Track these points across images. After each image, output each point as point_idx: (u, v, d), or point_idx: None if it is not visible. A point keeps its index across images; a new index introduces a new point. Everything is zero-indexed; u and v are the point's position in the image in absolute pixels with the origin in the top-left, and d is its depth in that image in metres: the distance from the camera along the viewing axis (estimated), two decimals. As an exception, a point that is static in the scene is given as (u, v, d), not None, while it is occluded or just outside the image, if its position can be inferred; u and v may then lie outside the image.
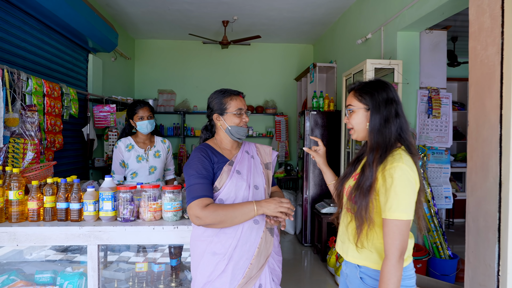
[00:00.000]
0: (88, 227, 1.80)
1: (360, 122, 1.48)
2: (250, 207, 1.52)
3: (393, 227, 1.31)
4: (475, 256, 1.93)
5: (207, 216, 1.48)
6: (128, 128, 2.71)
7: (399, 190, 1.30)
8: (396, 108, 1.44)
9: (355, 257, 1.47)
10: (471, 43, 1.97)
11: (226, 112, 1.70)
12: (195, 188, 1.54)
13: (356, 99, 1.49)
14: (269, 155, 1.84)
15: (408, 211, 1.31)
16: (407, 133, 1.45)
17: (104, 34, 4.15)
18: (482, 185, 1.87)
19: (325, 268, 3.87)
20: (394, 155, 1.38)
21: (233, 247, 1.54)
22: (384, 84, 1.48)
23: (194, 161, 1.61)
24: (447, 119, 3.63)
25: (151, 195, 1.92)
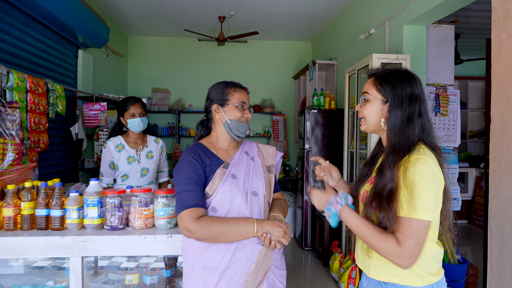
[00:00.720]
0: (70, 237, 1.60)
1: (373, 114, 1.30)
2: (249, 227, 1.34)
3: (407, 225, 1.12)
4: (500, 266, 1.76)
5: (197, 230, 1.31)
6: (118, 127, 2.51)
7: (418, 185, 1.12)
8: (420, 107, 1.25)
9: (378, 272, 1.27)
10: (494, 32, 1.80)
11: (228, 104, 1.52)
12: (184, 196, 1.36)
13: (374, 88, 1.30)
14: (272, 156, 1.64)
15: (427, 210, 1.12)
16: (431, 135, 1.27)
17: (94, 28, 3.94)
18: (509, 187, 1.70)
19: (328, 274, 3.69)
20: (415, 149, 1.20)
21: (225, 261, 1.35)
22: (411, 76, 1.28)
23: (184, 164, 1.43)
24: (455, 117, 3.47)
25: (142, 200, 1.73)
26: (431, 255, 1.22)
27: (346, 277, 3.17)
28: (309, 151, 4.38)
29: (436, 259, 1.24)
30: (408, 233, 1.11)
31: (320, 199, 1.29)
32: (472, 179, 5.77)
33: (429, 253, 1.21)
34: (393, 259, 1.14)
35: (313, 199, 1.32)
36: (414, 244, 1.11)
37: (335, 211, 1.24)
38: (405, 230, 1.12)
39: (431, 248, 1.22)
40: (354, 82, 3.53)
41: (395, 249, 1.12)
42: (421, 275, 1.20)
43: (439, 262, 1.25)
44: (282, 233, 1.36)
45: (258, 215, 1.45)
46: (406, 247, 1.11)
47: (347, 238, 3.64)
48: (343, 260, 3.41)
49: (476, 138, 6.44)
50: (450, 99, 3.42)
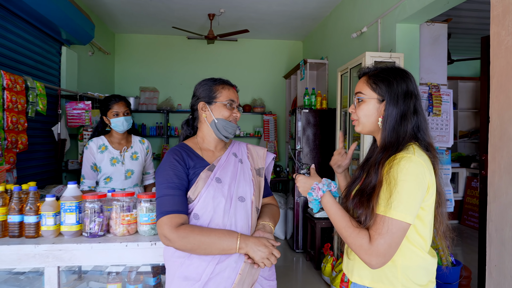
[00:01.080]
0: (45, 245, 1.48)
1: (369, 115, 1.23)
2: (232, 243, 1.23)
3: (381, 223, 1.06)
4: (500, 271, 1.69)
5: (175, 240, 1.22)
6: (101, 126, 2.38)
7: (400, 183, 1.06)
8: (415, 104, 1.20)
9: (362, 276, 1.21)
10: (494, 29, 1.73)
11: (215, 102, 1.41)
12: (164, 201, 1.27)
13: (368, 87, 1.23)
14: (262, 158, 1.54)
15: (407, 211, 1.05)
16: (425, 133, 1.21)
17: (78, 24, 3.79)
18: (509, 190, 1.64)
19: (320, 277, 3.61)
20: (405, 148, 1.14)
21: (208, 272, 1.25)
22: (404, 72, 1.23)
23: (165, 167, 1.33)
24: (447, 117, 3.42)
25: (124, 204, 1.62)
26: (420, 265, 1.15)
27: (339, 280, 3.09)
28: (300, 151, 4.30)
29: (426, 269, 1.17)
30: (381, 232, 1.06)
31: (305, 184, 1.26)
32: (463, 179, 5.77)
33: (417, 262, 1.15)
34: (361, 255, 1.09)
35: (298, 184, 1.28)
36: (386, 244, 1.05)
37: (316, 197, 1.21)
38: (379, 228, 1.07)
39: (420, 257, 1.15)
40: (346, 81, 3.45)
41: (365, 246, 1.07)
42: (406, 284, 1.13)
43: (430, 274, 1.18)
44: (266, 254, 1.24)
45: (245, 222, 1.34)
46: (376, 245, 1.06)
47: (339, 241, 3.56)
48: (336, 263, 3.33)
49: (466, 138, 6.45)
50: (443, 99, 3.37)
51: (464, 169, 5.76)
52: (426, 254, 1.17)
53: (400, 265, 1.14)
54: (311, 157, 4.29)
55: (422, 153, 1.15)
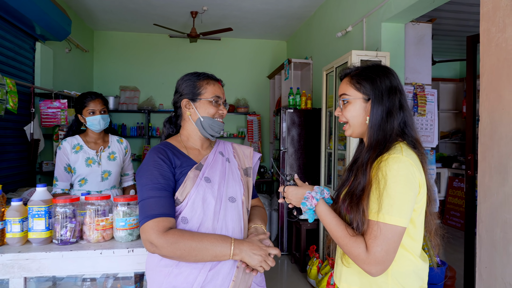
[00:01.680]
0: (10, 255, 1.35)
1: (357, 115, 1.19)
2: (225, 249, 1.15)
3: (375, 229, 1.02)
4: (490, 273, 1.66)
5: (164, 246, 1.11)
6: (75, 125, 2.24)
7: (391, 186, 1.02)
8: (400, 99, 1.16)
9: (350, 282, 1.17)
10: (483, 25, 1.70)
11: (200, 98, 1.32)
12: (149, 204, 1.16)
13: (352, 87, 1.19)
14: (249, 158, 1.47)
15: (400, 214, 1.01)
16: (412, 129, 1.18)
17: (54, 19, 3.61)
18: (499, 190, 1.60)
19: (305, 279, 3.55)
20: (392, 147, 1.10)
21: (200, 281, 1.16)
22: (385, 69, 1.20)
23: (149, 166, 1.22)
24: (432, 117, 3.42)
25: (99, 209, 1.51)
26: (411, 269, 1.11)
27: (325, 283, 3.03)
28: (285, 152, 4.23)
29: (417, 275, 1.12)
30: (377, 239, 1.01)
31: (296, 195, 1.20)
32: (445, 179, 5.83)
33: (408, 267, 1.10)
34: (360, 265, 1.05)
35: (289, 196, 1.21)
36: (383, 251, 1.01)
37: (310, 206, 1.15)
38: (373, 235, 1.02)
39: (411, 262, 1.11)
40: (331, 81, 3.41)
41: (363, 255, 1.03)
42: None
43: (421, 280, 1.14)
44: (263, 257, 1.17)
45: (236, 224, 1.26)
46: (373, 253, 1.01)
47: (325, 243, 3.51)
48: (321, 266, 3.27)
49: (447, 139, 6.54)
50: (428, 99, 3.37)
51: (446, 169, 5.82)
52: (418, 259, 1.13)
53: (391, 270, 1.09)
54: (296, 158, 4.23)
55: (411, 152, 1.10)
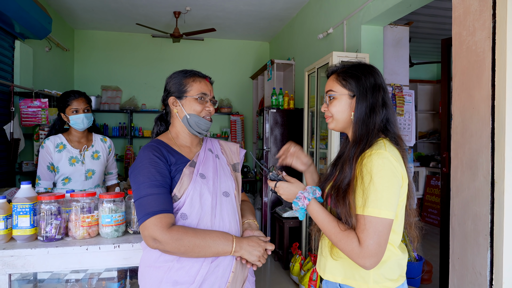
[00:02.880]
0: (-6, 252, 1.35)
1: (342, 111, 1.23)
2: (227, 246, 1.20)
3: (367, 224, 1.06)
4: (462, 263, 1.75)
5: (169, 242, 1.13)
6: (58, 124, 2.23)
7: (377, 181, 1.07)
8: (383, 97, 1.22)
9: (334, 273, 1.22)
10: (455, 29, 1.80)
11: (186, 96, 1.34)
12: (149, 201, 1.17)
13: (339, 84, 1.24)
14: (236, 154, 1.51)
15: (387, 207, 1.06)
16: (394, 125, 1.24)
17: (34, 17, 3.56)
18: (470, 185, 1.70)
19: (288, 276, 3.61)
20: (376, 144, 1.15)
21: (202, 274, 1.19)
22: (370, 67, 1.26)
23: (145, 164, 1.23)
24: (410, 117, 3.54)
25: (84, 205, 1.52)
26: (392, 260, 1.17)
27: (307, 279, 3.10)
28: (268, 151, 4.29)
29: (397, 264, 1.18)
30: (368, 233, 1.06)
31: (288, 192, 1.23)
32: (423, 178, 6.02)
33: (390, 258, 1.16)
34: (355, 259, 1.09)
35: (281, 192, 1.24)
36: (375, 243, 1.06)
37: (302, 206, 1.19)
38: (364, 229, 1.07)
39: (391, 252, 1.17)
40: (313, 81, 3.49)
41: (356, 250, 1.07)
42: (377, 280, 1.14)
43: (400, 268, 1.20)
44: (261, 252, 1.25)
45: (232, 218, 1.31)
46: (366, 247, 1.06)
47: (307, 240, 3.58)
48: (304, 262, 3.34)
49: (425, 138, 6.74)
50: (406, 99, 3.49)
51: (423, 168, 6.01)
52: (397, 249, 1.18)
53: None
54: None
55: (393, 147, 1.16)
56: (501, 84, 1.52)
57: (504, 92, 1.51)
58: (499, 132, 1.54)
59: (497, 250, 1.55)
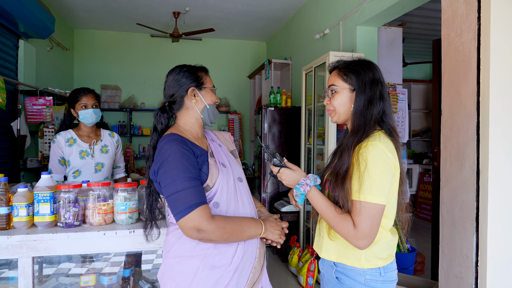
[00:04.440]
0: (19, 236, 1.46)
1: (343, 104, 1.35)
2: (258, 229, 1.34)
3: (361, 209, 1.19)
4: (451, 248, 1.88)
5: (214, 231, 1.20)
6: (68, 120, 2.33)
7: (372, 169, 1.19)
8: (381, 90, 1.33)
9: (330, 252, 1.34)
10: (444, 31, 1.93)
11: (204, 87, 1.42)
12: (188, 194, 1.19)
13: (340, 79, 1.35)
14: (230, 141, 1.63)
15: (380, 194, 1.18)
16: (390, 118, 1.35)
17: (38, 17, 3.65)
18: (458, 175, 1.83)
19: (286, 268, 3.73)
20: (372, 135, 1.27)
21: (239, 255, 1.30)
22: (370, 63, 1.37)
23: (177, 157, 1.23)
24: (403, 115, 3.68)
25: (100, 194, 1.63)
26: (383, 241, 1.28)
27: (305, 270, 3.23)
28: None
29: (387, 244, 1.30)
30: (362, 216, 1.18)
31: (291, 177, 1.34)
32: (416, 175, 6.17)
33: (380, 239, 1.28)
34: (350, 240, 1.20)
35: (283, 177, 1.34)
36: (368, 226, 1.17)
37: (303, 192, 1.30)
38: (359, 213, 1.18)
39: (383, 235, 1.28)
40: (310, 80, 3.61)
41: (351, 232, 1.19)
42: (368, 258, 1.26)
43: (390, 249, 1.31)
44: (280, 233, 1.40)
45: (249, 200, 1.43)
46: (360, 229, 1.17)
47: (305, 233, 3.71)
48: (302, 254, 3.46)
49: (419, 137, 6.90)
50: (399, 97, 3.63)
51: (417, 165, 6.17)
52: (387, 231, 1.30)
53: None
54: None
55: (387, 139, 1.27)
56: (485, 81, 1.66)
57: (488, 89, 1.65)
58: (484, 126, 1.67)
59: (482, 234, 1.69)
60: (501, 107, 1.65)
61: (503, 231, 1.67)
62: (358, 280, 1.26)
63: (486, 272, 1.66)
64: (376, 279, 1.26)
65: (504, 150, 1.66)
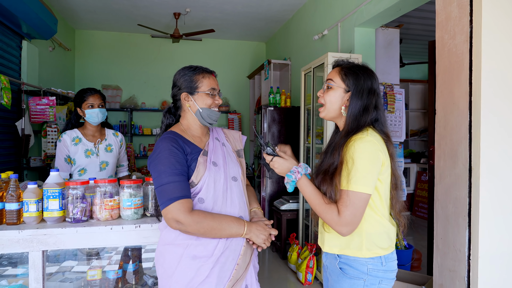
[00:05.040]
0: (30, 230, 1.52)
1: (334, 101, 1.41)
2: (240, 229, 1.38)
3: (345, 197, 1.26)
4: (444, 243, 1.95)
5: (190, 224, 1.29)
6: (74, 119, 2.39)
7: (357, 160, 1.25)
8: (376, 100, 1.40)
9: (332, 245, 1.39)
10: (438, 33, 1.99)
11: (197, 92, 1.48)
12: (171, 188, 1.31)
13: (339, 77, 1.41)
14: (239, 141, 1.69)
15: (364, 183, 1.25)
16: (383, 125, 1.42)
17: (41, 18, 3.70)
18: (451, 172, 1.90)
19: (286, 265, 3.80)
20: (361, 131, 1.33)
21: (220, 248, 1.36)
22: (371, 72, 1.43)
23: (165, 154, 1.35)
24: (400, 114, 3.75)
25: (106, 191, 1.69)
26: (381, 230, 1.34)
27: (304, 266, 3.29)
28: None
29: (387, 234, 1.35)
30: (346, 204, 1.25)
31: (283, 166, 1.39)
32: (414, 174, 6.25)
33: (378, 228, 1.33)
34: (333, 226, 1.28)
35: (276, 166, 1.39)
36: (351, 214, 1.24)
37: (295, 179, 1.36)
38: (344, 201, 1.26)
39: (380, 224, 1.34)
40: (309, 80, 3.68)
41: (335, 218, 1.26)
42: (370, 248, 1.32)
43: (390, 239, 1.37)
44: (266, 236, 1.42)
45: (241, 200, 1.47)
46: (344, 217, 1.25)
47: (304, 230, 3.77)
48: (301, 251, 3.53)
49: (416, 136, 6.97)
50: (396, 97, 3.69)
51: (415, 165, 6.24)
52: (386, 221, 1.36)
53: (365, 232, 1.32)
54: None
55: (375, 134, 1.34)
56: (477, 82, 1.72)
57: (479, 89, 1.71)
58: (475, 125, 1.74)
59: (474, 229, 1.75)
60: (492, 107, 1.72)
61: (494, 226, 1.74)
62: (361, 269, 1.32)
63: (477, 265, 1.73)
64: (378, 268, 1.32)
65: (495, 148, 1.72)
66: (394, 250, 1.40)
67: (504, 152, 1.73)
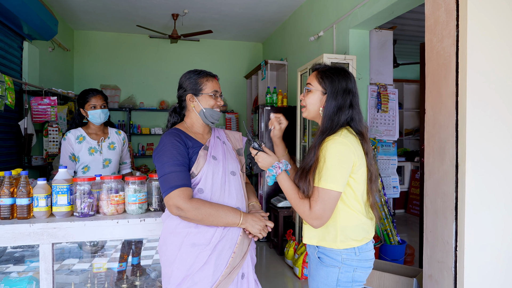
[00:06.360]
0: (40, 224, 1.61)
1: (313, 103, 1.51)
2: (236, 219, 1.47)
3: (316, 193, 1.37)
4: (433, 235, 2.05)
5: (189, 210, 1.40)
6: (78, 119, 2.48)
7: (328, 160, 1.36)
8: (351, 100, 1.49)
9: (310, 236, 1.50)
10: (427, 36, 2.10)
11: (202, 93, 1.61)
12: (172, 177, 1.42)
13: (316, 80, 1.51)
14: (239, 141, 1.80)
15: (334, 181, 1.35)
16: (358, 124, 1.49)
17: (42, 19, 3.77)
18: (440, 168, 2.00)
19: (283, 261, 3.90)
20: (336, 132, 1.43)
21: (217, 237, 1.46)
22: (346, 73, 1.52)
23: (168, 147, 1.48)
24: (394, 114, 3.85)
25: (112, 187, 1.78)
26: (355, 224, 1.44)
27: (301, 262, 3.39)
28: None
29: (361, 228, 1.45)
30: (316, 200, 1.37)
31: (266, 160, 1.49)
32: (408, 172, 6.36)
33: (354, 223, 1.44)
34: (305, 219, 1.40)
35: (259, 160, 1.49)
36: (321, 209, 1.36)
37: (275, 173, 1.47)
38: (314, 197, 1.37)
39: (355, 217, 1.44)
40: (305, 81, 3.77)
41: (307, 212, 1.38)
42: (343, 240, 1.42)
43: (365, 232, 1.46)
44: (262, 226, 1.52)
45: (239, 192, 1.57)
46: (314, 211, 1.36)
47: (300, 227, 3.87)
48: (297, 247, 3.63)
49: (411, 135, 7.09)
50: (390, 97, 3.80)
51: (409, 163, 6.35)
52: (361, 215, 1.45)
53: (340, 225, 1.43)
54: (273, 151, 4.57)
55: (349, 135, 1.43)
56: (463, 83, 1.83)
57: (465, 90, 1.81)
58: (462, 123, 1.84)
59: (460, 222, 1.86)
60: (476, 106, 1.82)
61: (479, 219, 1.84)
62: (336, 259, 1.43)
63: (463, 255, 1.83)
64: (351, 258, 1.43)
65: (480, 145, 1.83)
66: (370, 241, 1.49)
67: (485, 150, 1.84)
